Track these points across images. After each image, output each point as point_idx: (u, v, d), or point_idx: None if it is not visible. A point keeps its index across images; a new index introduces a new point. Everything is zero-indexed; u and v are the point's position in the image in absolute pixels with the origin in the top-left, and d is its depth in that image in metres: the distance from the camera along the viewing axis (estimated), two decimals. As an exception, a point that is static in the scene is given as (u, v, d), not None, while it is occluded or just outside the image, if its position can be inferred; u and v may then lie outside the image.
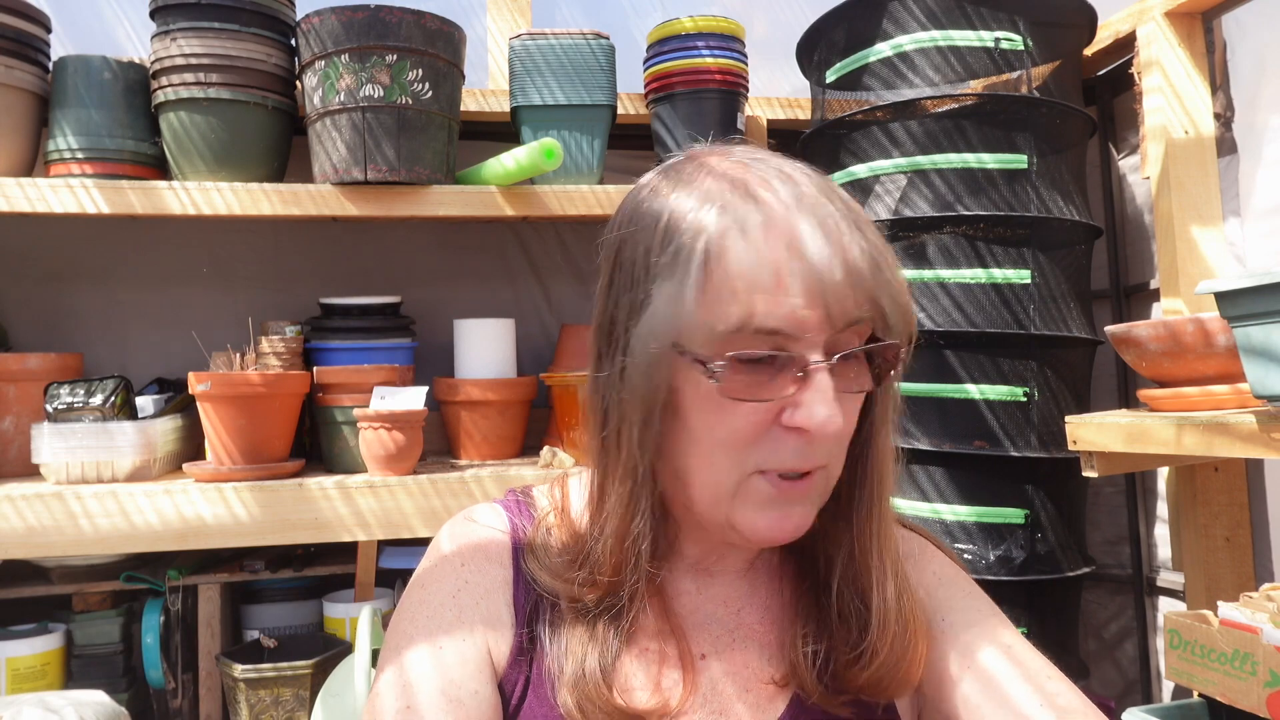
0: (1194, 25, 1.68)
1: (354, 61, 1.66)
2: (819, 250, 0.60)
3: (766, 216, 0.62)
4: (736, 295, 0.61)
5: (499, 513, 0.79)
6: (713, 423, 0.64)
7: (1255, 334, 1.06)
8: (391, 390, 1.67)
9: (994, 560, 1.59)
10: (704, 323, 0.61)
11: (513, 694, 0.70)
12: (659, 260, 0.64)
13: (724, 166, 0.66)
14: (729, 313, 0.61)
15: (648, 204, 0.67)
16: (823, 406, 0.61)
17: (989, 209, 1.61)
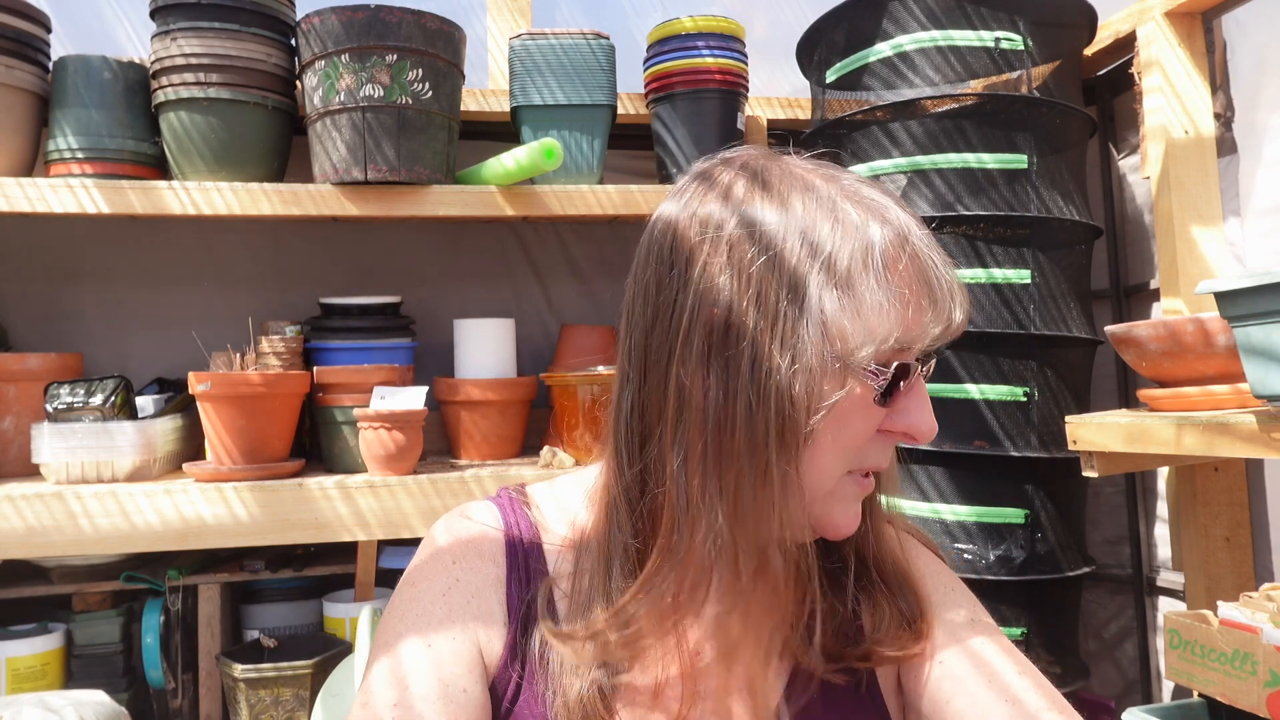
0: (1194, 25, 1.68)
1: (354, 61, 1.66)
2: (950, 274, 0.65)
3: (916, 233, 0.65)
4: (910, 306, 0.63)
5: (492, 510, 0.79)
6: (840, 428, 0.65)
7: (1255, 334, 1.06)
8: (391, 390, 1.67)
9: (994, 560, 1.59)
10: (886, 332, 0.63)
11: (505, 693, 0.70)
12: (814, 267, 0.63)
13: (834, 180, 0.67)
14: (897, 324, 0.63)
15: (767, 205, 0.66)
16: (928, 414, 0.66)
17: (989, 209, 1.61)
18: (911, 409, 0.66)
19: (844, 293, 0.63)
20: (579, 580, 0.72)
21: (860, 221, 0.64)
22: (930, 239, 0.67)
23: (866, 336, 0.62)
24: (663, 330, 0.67)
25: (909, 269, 0.64)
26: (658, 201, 1.82)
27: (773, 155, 0.71)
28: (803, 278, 0.63)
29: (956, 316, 0.65)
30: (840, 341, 0.62)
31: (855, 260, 0.63)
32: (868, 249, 0.63)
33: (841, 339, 0.62)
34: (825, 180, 0.67)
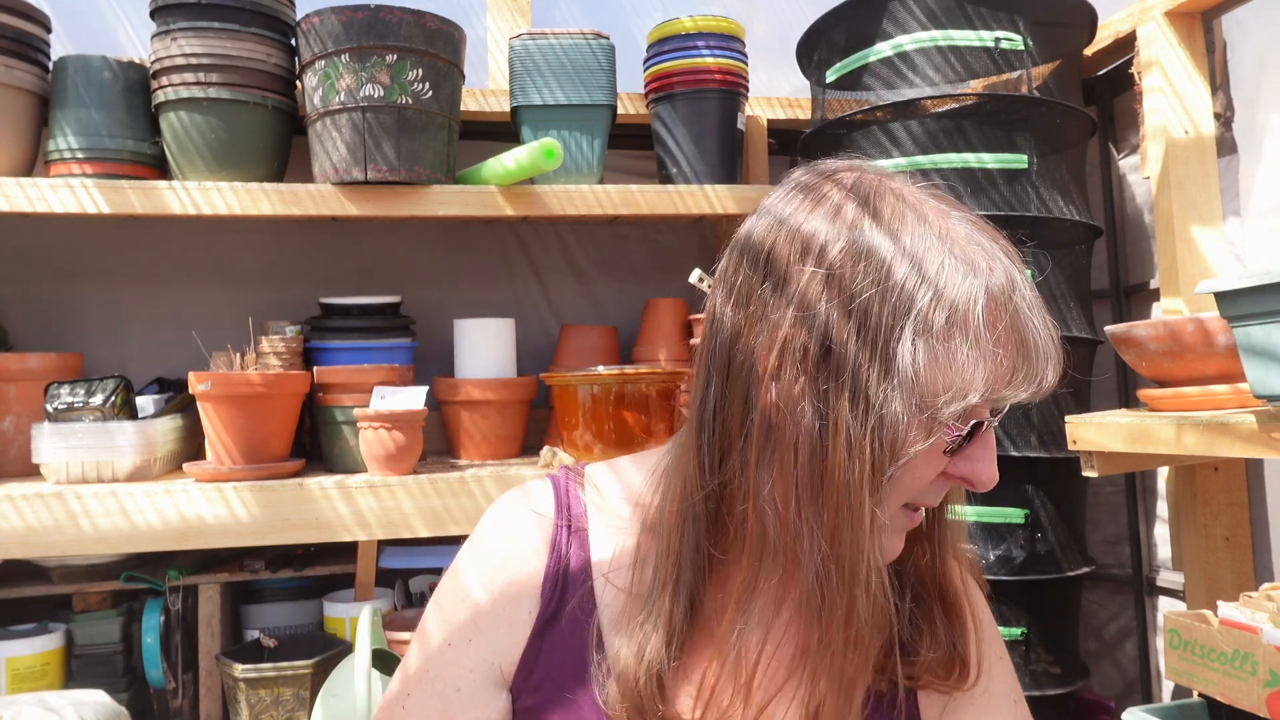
0: (1194, 25, 1.68)
1: (354, 61, 1.66)
2: (1048, 334, 0.65)
3: (1022, 292, 0.64)
4: (1003, 365, 0.63)
5: (547, 493, 0.79)
6: (908, 471, 0.64)
7: (1255, 334, 1.06)
8: (391, 390, 1.67)
9: (994, 560, 1.59)
10: (978, 389, 0.63)
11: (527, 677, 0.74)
12: (913, 311, 0.62)
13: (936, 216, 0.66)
14: (985, 383, 0.63)
15: (870, 237, 0.64)
16: (992, 466, 0.68)
17: (989, 209, 1.61)
18: (977, 458, 0.67)
19: (941, 344, 0.62)
20: (640, 571, 0.73)
21: (966, 271, 0.63)
22: (1034, 295, 0.66)
23: (956, 391, 0.62)
24: (750, 342, 0.66)
25: (1008, 329, 0.63)
26: (658, 201, 1.84)
27: (883, 176, 0.69)
28: (902, 320, 0.62)
29: (1049, 380, 0.65)
30: (930, 392, 0.62)
31: (956, 312, 0.62)
32: (970, 302, 0.62)
33: (932, 390, 0.62)
34: (937, 217, 0.66)
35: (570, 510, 0.77)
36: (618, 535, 0.76)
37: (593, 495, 0.79)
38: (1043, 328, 0.65)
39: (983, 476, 0.67)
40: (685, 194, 1.85)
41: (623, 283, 2.21)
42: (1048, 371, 0.65)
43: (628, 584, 0.73)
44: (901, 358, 0.61)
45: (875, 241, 0.63)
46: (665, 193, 1.84)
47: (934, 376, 0.62)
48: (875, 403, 0.62)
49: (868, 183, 0.68)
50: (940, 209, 0.67)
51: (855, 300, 0.62)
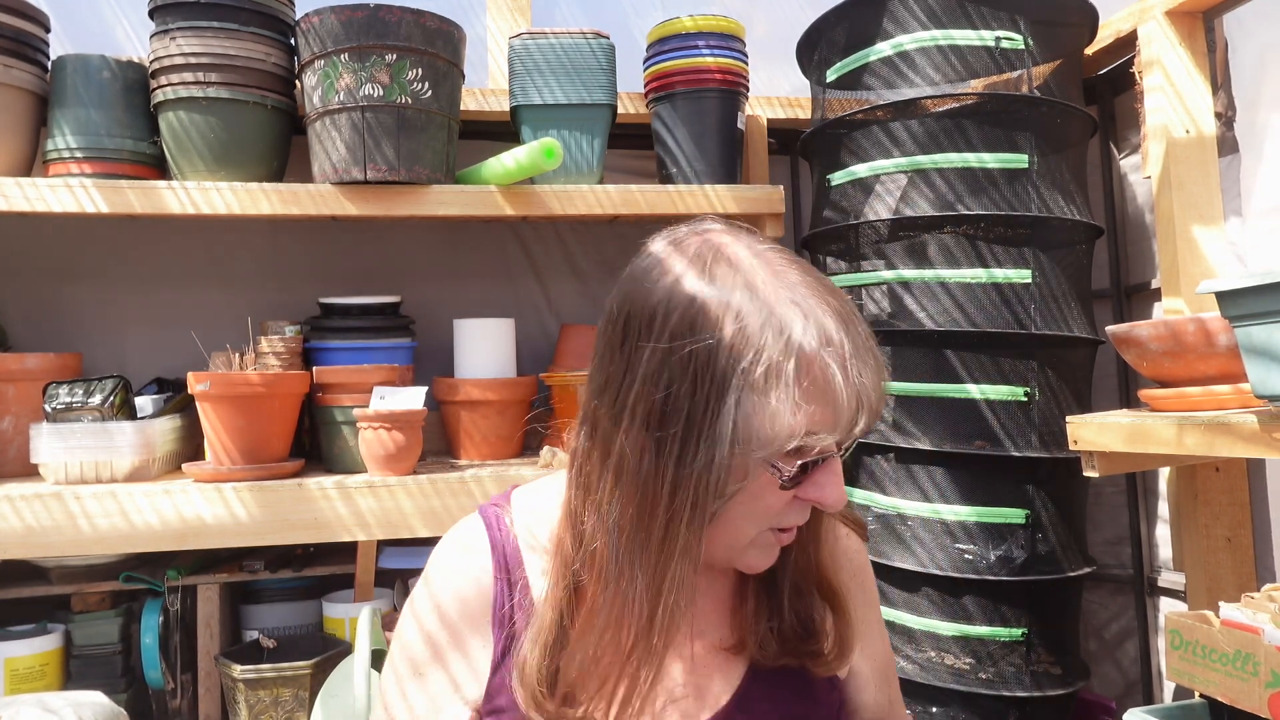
0: (1195, 24, 1.68)
1: (353, 61, 1.66)
2: (872, 379, 0.73)
3: (838, 348, 0.72)
4: (814, 414, 0.71)
5: (480, 531, 0.87)
6: (753, 503, 0.75)
7: (1256, 334, 1.06)
8: (391, 390, 1.67)
9: (994, 560, 1.59)
10: (787, 435, 0.71)
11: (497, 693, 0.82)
12: (737, 369, 0.71)
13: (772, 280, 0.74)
14: (806, 427, 0.71)
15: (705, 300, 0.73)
16: (838, 489, 0.76)
17: (989, 209, 1.61)
18: (823, 484, 0.75)
19: (759, 397, 0.70)
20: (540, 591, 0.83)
21: (784, 328, 0.71)
22: (858, 344, 0.73)
23: (771, 438, 0.71)
24: (611, 398, 0.76)
25: (819, 379, 0.71)
26: (658, 201, 1.83)
27: (729, 240, 0.77)
28: (727, 378, 0.71)
29: (858, 428, 0.73)
30: (747, 441, 0.71)
31: (771, 367, 0.70)
32: (784, 356, 0.70)
33: (750, 438, 0.71)
34: (771, 276, 0.74)
35: (506, 553, 0.85)
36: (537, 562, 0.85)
37: (523, 532, 0.87)
38: (858, 377, 0.72)
39: (827, 500, 0.76)
40: (685, 194, 1.85)
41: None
42: (859, 419, 0.73)
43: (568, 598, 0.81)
44: (725, 411, 0.71)
45: (704, 308, 0.72)
46: (665, 193, 1.84)
47: (750, 427, 0.71)
48: (699, 452, 0.71)
49: (709, 249, 0.76)
50: (777, 269, 0.75)
51: (689, 362, 0.72)
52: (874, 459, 1.70)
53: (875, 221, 1.69)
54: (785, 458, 0.73)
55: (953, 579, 1.58)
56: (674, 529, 0.73)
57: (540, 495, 0.90)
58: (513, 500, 0.90)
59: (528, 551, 0.85)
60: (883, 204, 1.73)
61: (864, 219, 1.71)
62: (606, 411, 0.76)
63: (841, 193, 1.78)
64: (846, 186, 1.77)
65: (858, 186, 1.75)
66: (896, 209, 1.71)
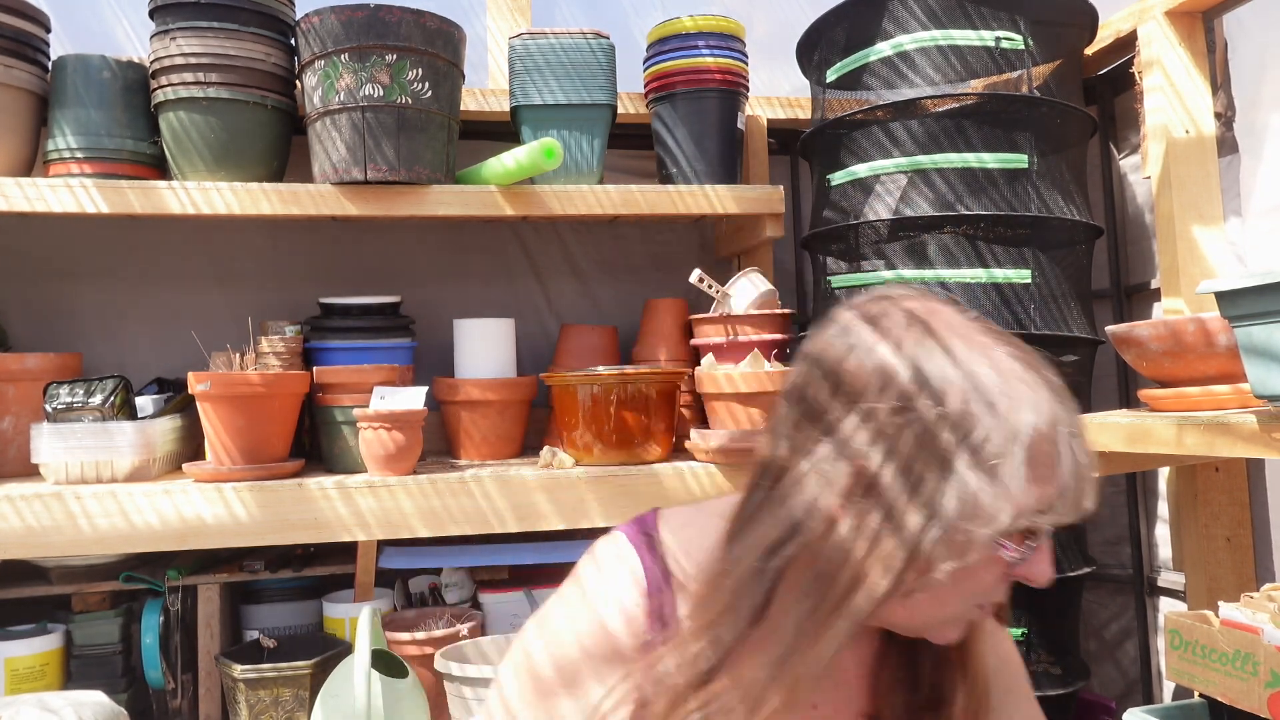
0: (1195, 24, 1.68)
1: (354, 61, 1.66)
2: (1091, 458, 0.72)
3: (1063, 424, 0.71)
4: (1043, 493, 0.70)
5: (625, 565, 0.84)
6: (968, 580, 0.72)
7: (1256, 334, 1.06)
8: (391, 390, 1.67)
9: (994, 560, 1.59)
10: (1015, 514, 0.69)
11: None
12: (964, 443, 0.69)
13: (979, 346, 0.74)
14: (1035, 506, 0.69)
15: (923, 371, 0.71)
16: (1046, 565, 0.74)
17: (989, 209, 1.61)
18: (1033, 561, 0.73)
19: (986, 474, 0.68)
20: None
21: (1013, 408, 0.70)
22: (1076, 425, 0.72)
23: (994, 515, 0.68)
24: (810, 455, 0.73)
25: (1048, 459, 0.70)
26: (658, 201, 1.83)
27: (934, 312, 0.76)
28: (951, 451, 0.69)
29: (1087, 507, 0.72)
30: (973, 517, 0.68)
31: (1003, 448, 0.68)
32: (1015, 439, 0.69)
33: (975, 515, 0.68)
34: (992, 349, 0.73)
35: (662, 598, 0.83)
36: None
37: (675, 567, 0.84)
38: (1084, 457, 0.72)
39: (1039, 578, 0.74)
40: (685, 194, 1.85)
41: (623, 283, 2.20)
42: (1085, 499, 0.72)
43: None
44: (950, 485, 0.68)
45: (925, 384, 0.70)
46: (665, 193, 1.84)
47: (980, 502, 0.68)
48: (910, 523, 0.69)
49: (918, 320, 0.74)
50: (986, 343, 0.74)
51: (903, 437, 0.70)
52: (874, 459, 1.70)
53: (875, 221, 1.69)
54: (1013, 536, 0.71)
55: (953, 579, 1.58)
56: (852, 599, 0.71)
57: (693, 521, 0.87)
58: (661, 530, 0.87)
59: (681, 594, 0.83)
60: (883, 204, 1.73)
61: (864, 219, 1.72)
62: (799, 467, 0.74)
63: (841, 193, 1.78)
64: (846, 186, 1.77)
65: (858, 186, 1.75)
66: (896, 209, 1.71)
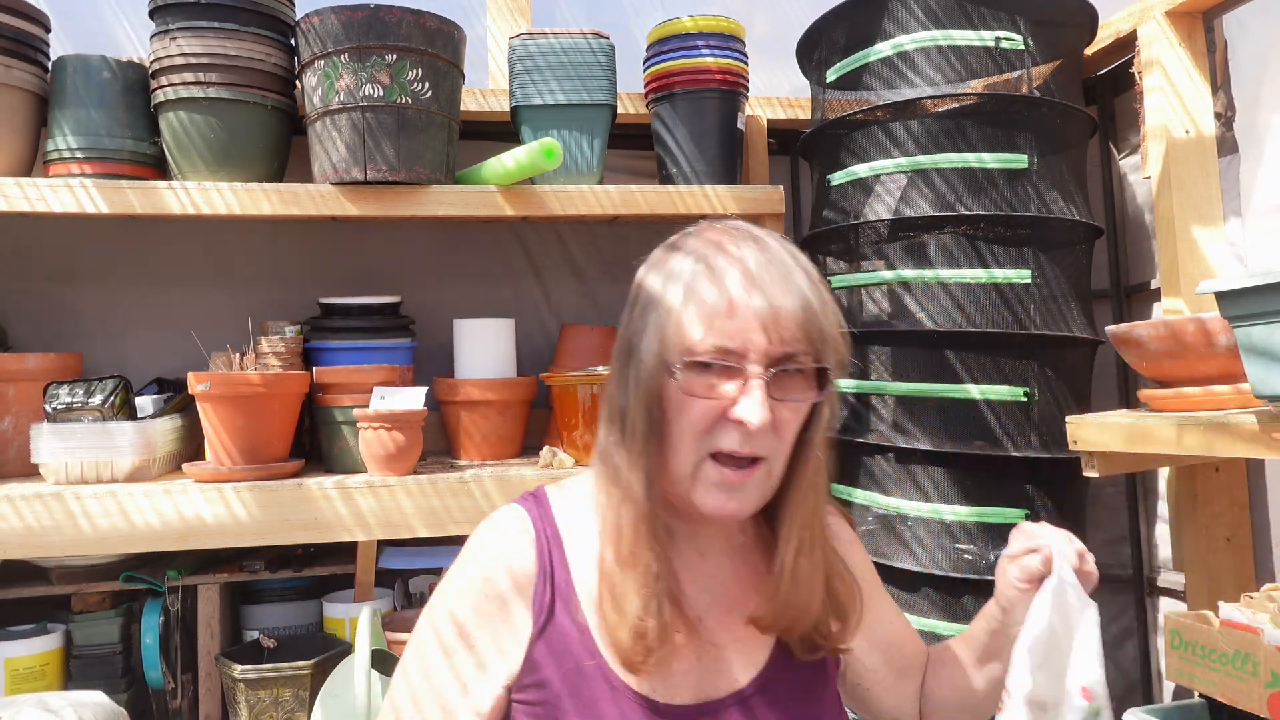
0: (1195, 24, 1.68)
1: (354, 61, 1.66)
2: (766, 293, 0.83)
3: (730, 265, 0.84)
4: (701, 321, 0.83)
5: (521, 515, 0.94)
6: (680, 415, 0.84)
7: (1256, 334, 1.06)
8: (391, 390, 1.67)
9: (994, 560, 1.59)
10: (678, 340, 0.84)
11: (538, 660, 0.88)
12: (654, 298, 0.87)
13: (711, 234, 0.89)
14: (695, 332, 0.83)
15: (658, 261, 0.90)
16: (755, 406, 0.81)
17: (989, 209, 1.61)
18: (741, 401, 0.82)
19: (669, 314, 0.85)
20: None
21: (697, 258, 0.86)
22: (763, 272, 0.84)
23: (674, 345, 0.84)
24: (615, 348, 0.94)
25: (716, 298, 0.83)
26: (658, 201, 1.83)
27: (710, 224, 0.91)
28: (652, 304, 0.87)
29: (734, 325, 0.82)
30: (663, 349, 0.84)
31: (681, 289, 0.85)
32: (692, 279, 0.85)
33: (663, 347, 0.84)
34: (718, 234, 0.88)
35: (548, 536, 0.92)
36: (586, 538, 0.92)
37: (561, 519, 0.94)
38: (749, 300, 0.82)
39: (741, 414, 0.82)
40: (685, 194, 1.85)
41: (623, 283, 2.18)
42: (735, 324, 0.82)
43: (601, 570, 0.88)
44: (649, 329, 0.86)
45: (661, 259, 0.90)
46: (665, 193, 1.84)
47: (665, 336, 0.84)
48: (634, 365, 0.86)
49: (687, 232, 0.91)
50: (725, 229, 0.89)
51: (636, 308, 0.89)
52: (874, 459, 1.70)
53: (875, 222, 1.69)
54: (687, 366, 0.83)
55: (953, 579, 1.58)
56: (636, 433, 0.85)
57: (572, 488, 0.98)
58: (547, 493, 0.98)
59: (566, 534, 0.92)
60: (883, 204, 1.73)
61: (864, 219, 1.72)
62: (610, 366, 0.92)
63: (841, 193, 1.78)
64: (846, 186, 1.77)
65: (858, 186, 1.75)
66: (896, 209, 1.71)
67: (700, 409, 0.83)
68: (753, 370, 0.82)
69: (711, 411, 0.83)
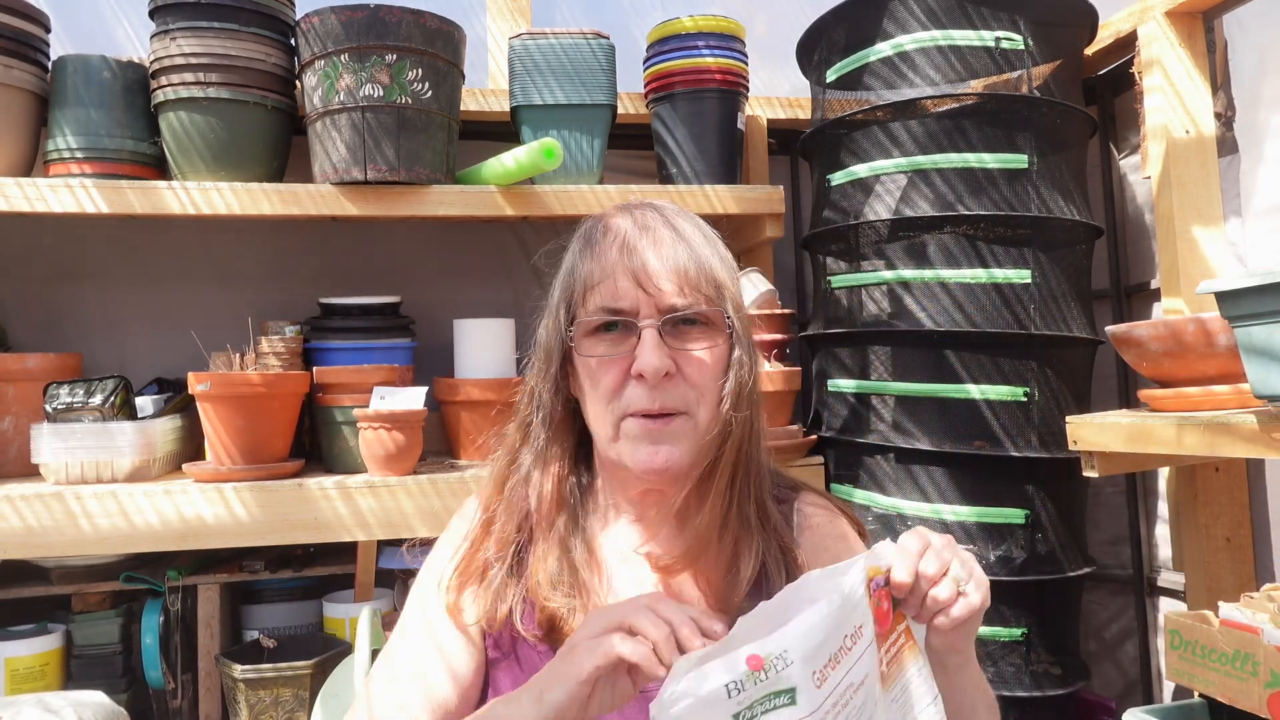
0: (1195, 25, 1.68)
1: (354, 61, 1.66)
2: (644, 253, 0.87)
3: (610, 233, 0.90)
4: (585, 288, 0.89)
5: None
6: (589, 383, 0.89)
7: (1256, 334, 1.06)
8: (391, 390, 1.67)
9: (994, 560, 1.59)
10: (569, 315, 0.90)
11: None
12: (551, 287, 0.95)
13: (601, 215, 0.94)
14: (580, 300, 0.89)
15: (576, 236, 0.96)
16: (650, 355, 0.85)
17: (989, 209, 1.61)
18: (639, 355, 0.86)
19: (558, 297, 0.92)
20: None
21: (579, 243, 0.92)
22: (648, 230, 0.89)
23: (568, 320, 0.90)
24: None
25: (599, 255, 0.88)
26: (658, 201, 1.83)
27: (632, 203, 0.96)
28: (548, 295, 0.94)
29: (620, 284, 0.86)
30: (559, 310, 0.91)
31: (574, 252, 0.92)
32: (580, 242, 0.92)
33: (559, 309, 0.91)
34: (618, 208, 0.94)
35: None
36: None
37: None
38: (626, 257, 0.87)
39: (642, 364, 0.85)
40: (685, 194, 1.85)
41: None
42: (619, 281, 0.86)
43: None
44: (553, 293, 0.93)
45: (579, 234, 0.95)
46: (665, 193, 1.84)
47: (558, 299, 0.91)
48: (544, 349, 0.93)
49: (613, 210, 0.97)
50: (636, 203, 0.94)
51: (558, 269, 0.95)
52: (874, 459, 1.70)
53: (875, 222, 1.69)
54: (582, 335, 0.88)
55: (953, 579, 1.58)
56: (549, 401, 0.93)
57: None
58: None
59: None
60: (883, 204, 1.73)
61: (864, 219, 1.72)
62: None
63: (841, 193, 1.78)
64: (846, 186, 1.77)
65: (858, 186, 1.75)
66: (896, 209, 1.71)
67: (605, 371, 0.87)
68: (645, 324, 0.86)
69: (616, 371, 0.87)
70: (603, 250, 0.89)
